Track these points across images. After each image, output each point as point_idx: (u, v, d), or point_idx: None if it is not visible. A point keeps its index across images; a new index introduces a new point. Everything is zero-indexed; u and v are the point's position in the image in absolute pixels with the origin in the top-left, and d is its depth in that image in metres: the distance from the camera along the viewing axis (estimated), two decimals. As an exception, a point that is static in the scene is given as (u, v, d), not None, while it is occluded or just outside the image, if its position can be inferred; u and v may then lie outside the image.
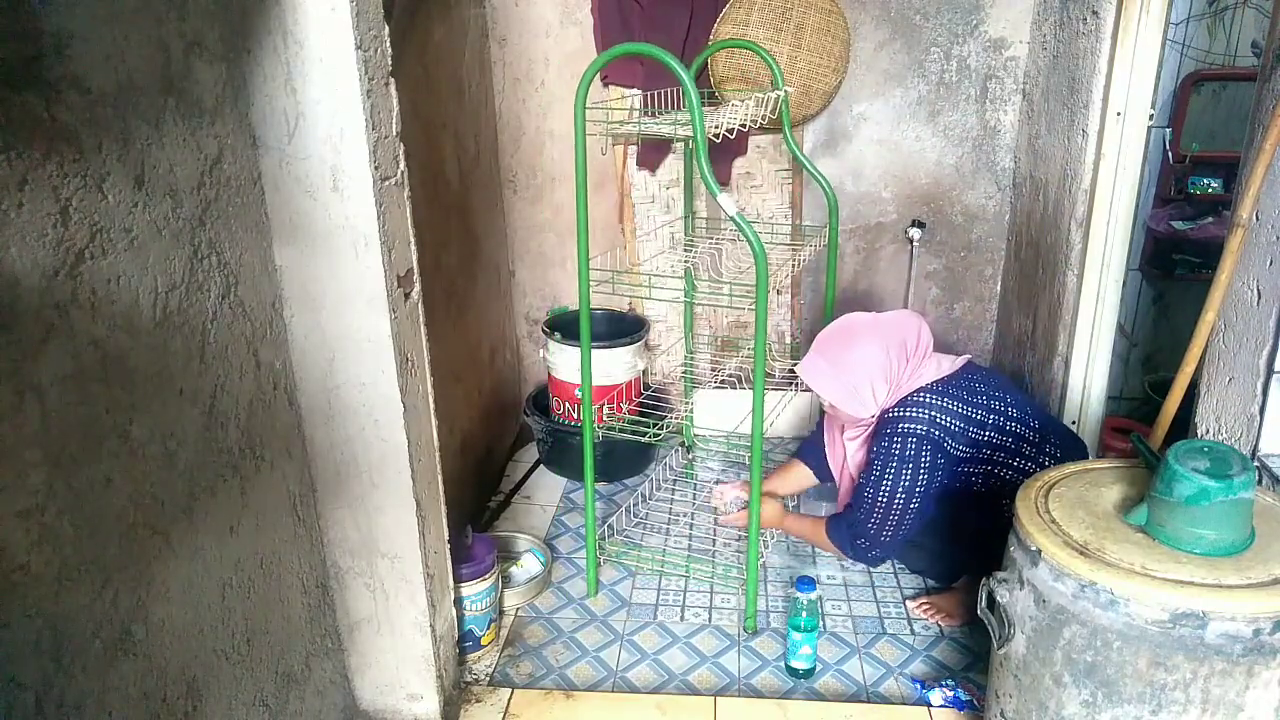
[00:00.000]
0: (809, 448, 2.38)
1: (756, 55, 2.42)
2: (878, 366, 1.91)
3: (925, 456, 1.88)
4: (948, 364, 2.00)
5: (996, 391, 1.98)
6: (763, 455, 1.95)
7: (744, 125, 2.07)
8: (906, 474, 1.88)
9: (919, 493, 1.90)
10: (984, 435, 1.91)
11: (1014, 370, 2.83)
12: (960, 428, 1.90)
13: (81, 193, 0.95)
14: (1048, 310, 2.54)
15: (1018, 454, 1.93)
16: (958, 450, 1.91)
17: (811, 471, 2.36)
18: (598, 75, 1.99)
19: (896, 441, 1.88)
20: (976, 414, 1.92)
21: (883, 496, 1.91)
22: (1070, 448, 2.01)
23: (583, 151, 1.87)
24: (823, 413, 2.24)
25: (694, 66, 2.36)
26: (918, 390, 1.92)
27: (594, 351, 2.22)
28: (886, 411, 1.94)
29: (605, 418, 2.66)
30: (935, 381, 1.94)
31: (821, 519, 2.12)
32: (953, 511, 1.98)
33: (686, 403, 2.81)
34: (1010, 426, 1.93)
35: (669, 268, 2.77)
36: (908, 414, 1.89)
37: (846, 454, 2.13)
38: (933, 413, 1.89)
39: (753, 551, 2.03)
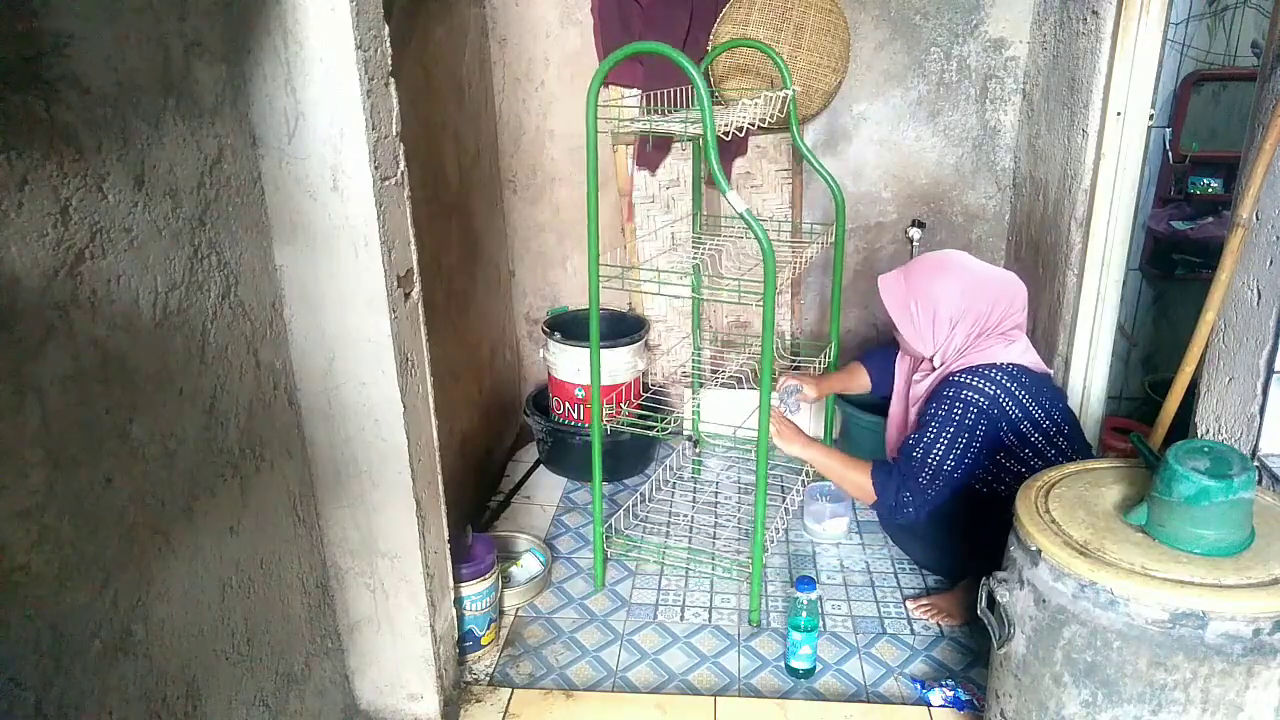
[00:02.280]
0: (874, 356, 2.37)
1: (755, 49, 2.42)
2: (946, 308, 1.88)
3: (981, 429, 1.85)
4: (1033, 360, 1.96)
5: (1059, 404, 1.96)
6: (768, 452, 1.95)
7: (754, 124, 2.08)
8: (961, 441, 1.86)
9: (966, 463, 1.88)
10: (1033, 436, 1.89)
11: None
12: (1017, 416, 1.87)
13: (81, 193, 0.95)
14: (1048, 310, 2.54)
15: (1047, 465, 1.92)
16: (1006, 437, 1.88)
17: (869, 378, 2.35)
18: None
19: (958, 407, 1.85)
20: (1036, 413, 1.89)
21: (933, 458, 1.88)
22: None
23: (594, 151, 1.88)
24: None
25: (703, 65, 2.36)
26: (995, 365, 1.88)
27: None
28: (954, 373, 1.90)
29: (607, 417, 2.66)
30: (1015, 365, 1.90)
31: (863, 461, 2.05)
32: (969, 508, 1.97)
33: (695, 397, 2.81)
34: (1058, 440, 1.92)
35: (670, 267, 2.77)
36: (975, 383, 1.86)
37: (910, 393, 2.10)
38: (999, 391, 1.85)
39: (758, 541, 2.03)
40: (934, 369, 2.00)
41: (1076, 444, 1.97)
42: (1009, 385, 1.86)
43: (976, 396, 1.84)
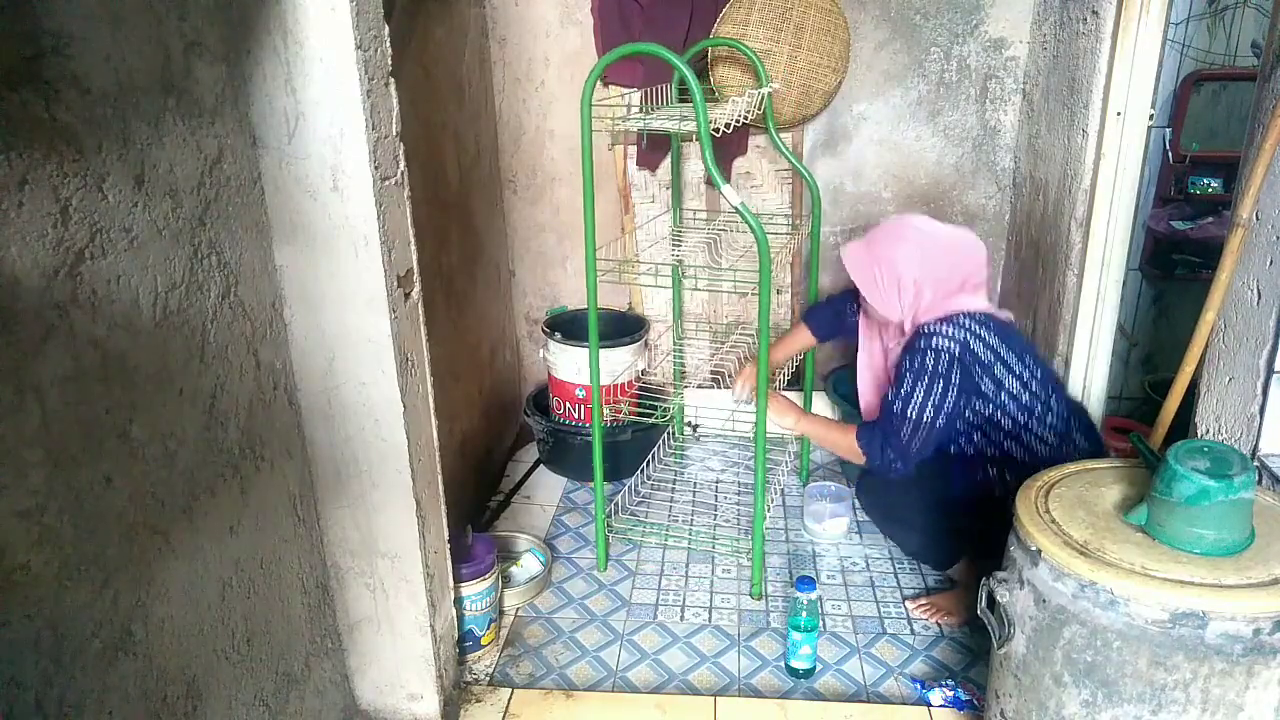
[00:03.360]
0: (818, 310, 2.39)
1: (733, 46, 2.47)
2: (908, 273, 1.90)
3: (956, 376, 1.86)
4: (997, 311, 1.99)
5: (1031, 352, 1.96)
6: (765, 441, 1.98)
7: (741, 119, 2.10)
8: (937, 389, 1.86)
9: (945, 412, 1.87)
10: (1008, 381, 1.89)
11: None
12: (989, 360, 1.88)
13: (81, 193, 0.95)
14: (1048, 310, 2.54)
15: (1027, 420, 1.92)
16: (981, 383, 1.88)
17: (811, 333, 2.39)
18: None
19: (929, 356, 1.86)
20: (1008, 356, 1.90)
21: (913, 410, 1.88)
22: (1082, 434, 1.99)
23: (588, 148, 1.91)
24: (856, 304, 2.23)
25: (686, 57, 2.39)
26: (962, 312, 1.90)
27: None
28: (923, 324, 1.92)
29: (607, 416, 2.66)
30: (983, 312, 1.92)
31: (847, 425, 2.09)
32: (951, 478, 1.97)
33: (680, 386, 2.84)
34: (1031, 385, 1.92)
35: (664, 260, 2.79)
36: (944, 330, 1.87)
37: (888, 362, 2.10)
38: (968, 335, 1.87)
39: (759, 512, 2.04)
40: (901, 335, 2.01)
41: (1054, 391, 1.96)
42: (977, 330, 1.88)
43: (947, 343, 1.86)
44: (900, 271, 1.91)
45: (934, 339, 1.87)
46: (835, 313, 2.33)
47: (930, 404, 1.87)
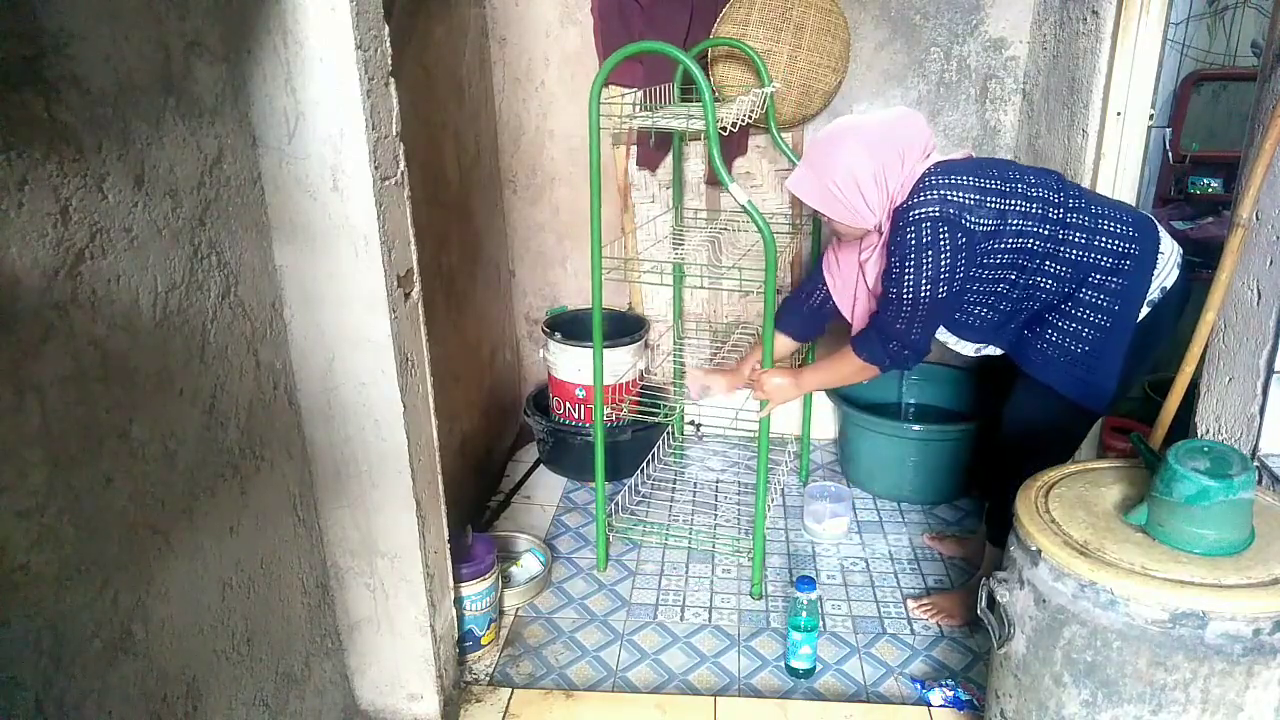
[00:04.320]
0: (786, 310, 2.21)
1: (735, 46, 2.47)
2: (864, 170, 1.77)
3: (945, 238, 1.71)
4: (953, 155, 1.87)
5: (1010, 169, 1.81)
6: (768, 440, 1.99)
7: (745, 118, 2.10)
8: (928, 261, 1.72)
9: (944, 279, 1.74)
10: (1008, 204, 1.74)
11: (1014, 370, 2.83)
12: (976, 199, 1.72)
13: (81, 193, 0.95)
14: (1048, 310, 2.54)
15: (1053, 229, 1.75)
16: (981, 224, 1.72)
17: (789, 337, 2.21)
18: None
19: (910, 231, 1.72)
20: (992, 184, 1.75)
21: (908, 291, 1.75)
22: (1127, 223, 1.79)
23: (596, 150, 1.93)
24: (815, 258, 2.08)
25: (690, 55, 2.39)
26: (922, 176, 1.77)
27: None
28: (898, 209, 1.79)
29: (608, 415, 2.67)
30: (938, 164, 1.79)
31: (841, 350, 1.96)
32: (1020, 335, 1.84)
33: (681, 386, 2.85)
34: (1035, 193, 1.76)
35: (665, 258, 2.79)
36: (915, 200, 1.74)
37: (865, 276, 1.96)
38: (941, 191, 1.72)
39: (759, 512, 2.05)
40: (878, 238, 1.88)
41: (1058, 184, 1.82)
42: (944, 179, 1.74)
43: (926, 210, 1.71)
44: (856, 173, 1.77)
45: (909, 213, 1.73)
46: (804, 307, 2.17)
47: (924, 279, 1.74)
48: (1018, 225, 1.74)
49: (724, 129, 2.00)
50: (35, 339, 0.89)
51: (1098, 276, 1.76)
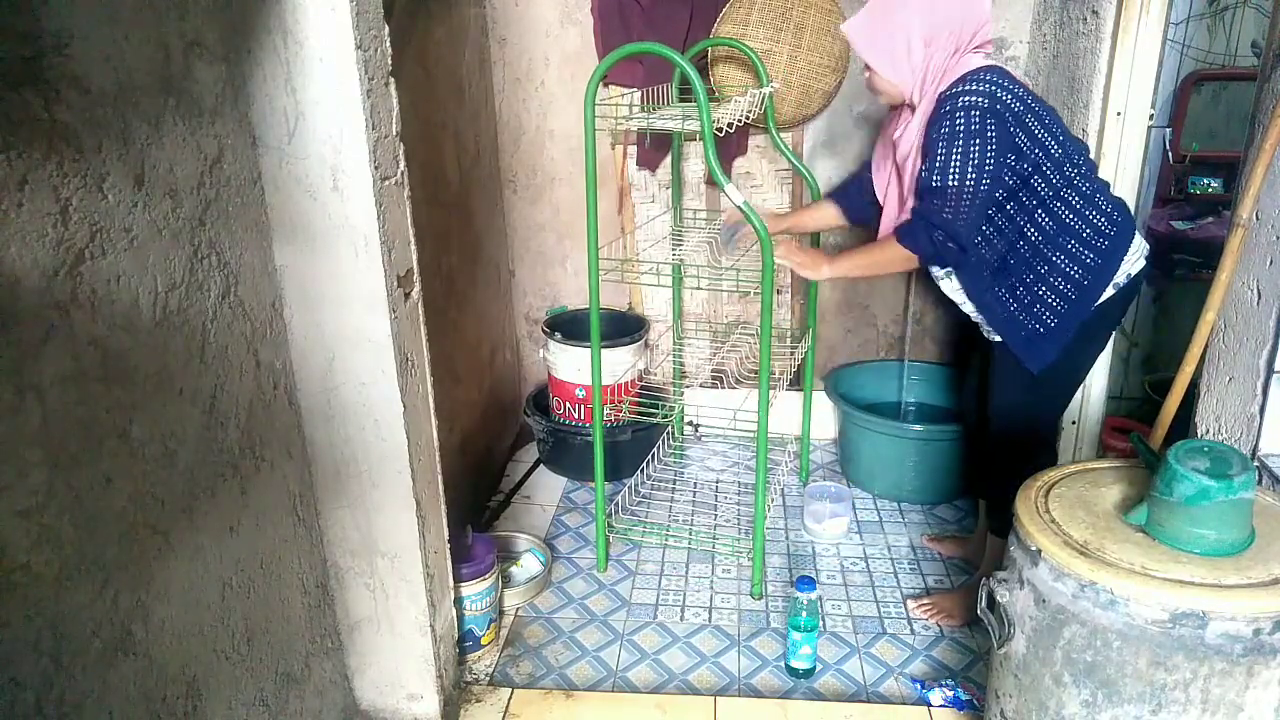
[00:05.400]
0: (843, 186, 2.25)
1: (734, 46, 2.48)
2: (919, 28, 1.78)
3: (993, 131, 1.72)
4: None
5: (1056, 114, 1.84)
6: (767, 441, 1.99)
7: (742, 119, 2.10)
8: (975, 149, 1.72)
9: (989, 170, 1.73)
10: (1042, 134, 1.77)
11: (1014, 370, 2.83)
12: (1019, 111, 1.75)
13: (81, 193, 0.95)
14: (1048, 310, 2.54)
15: (1060, 182, 1.79)
16: (1017, 137, 1.75)
17: (839, 210, 2.22)
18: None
19: (959, 117, 1.73)
20: (1038, 109, 1.78)
21: (953, 178, 1.74)
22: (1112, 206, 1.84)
23: (592, 149, 1.93)
24: (872, 147, 2.08)
25: (688, 56, 2.39)
26: (981, 68, 1.77)
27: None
28: (943, 93, 1.79)
29: (608, 415, 2.67)
30: (1000, 67, 1.79)
31: (882, 239, 1.94)
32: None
33: (681, 386, 2.84)
34: (1065, 143, 1.80)
35: (664, 259, 2.79)
36: (969, 88, 1.74)
37: (896, 155, 1.95)
38: (993, 88, 1.73)
39: (759, 512, 2.05)
40: (913, 116, 1.88)
41: (1084, 152, 1.85)
42: (1001, 81, 1.76)
43: (975, 99, 1.72)
44: (910, 29, 1.78)
45: (959, 99, 1.74)
46: (858, 187, 2.16)
47: (970, 167, 1.72)
48: (1038, 157, 1.76)
49: (720, 130, 2.00)
50: (35, 339, 0.89)
51: (1075, 245, 1.81)
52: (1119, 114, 2.18)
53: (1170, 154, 2.97)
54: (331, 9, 1.26)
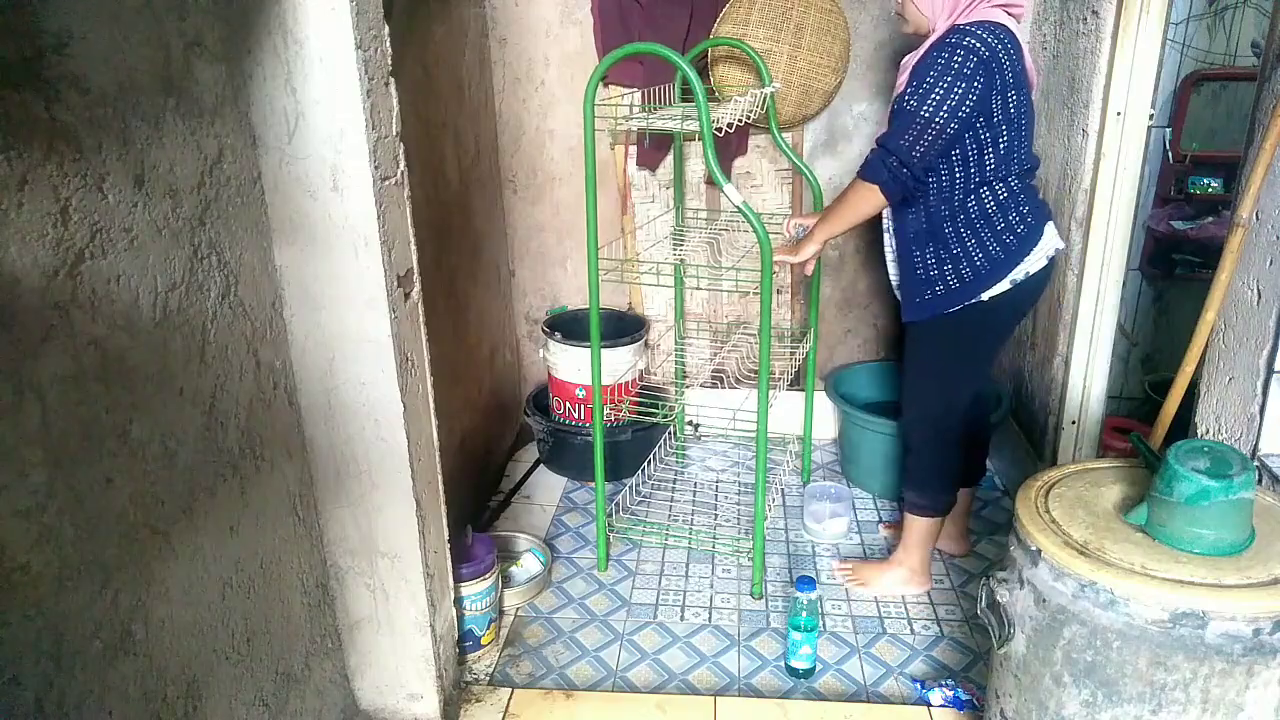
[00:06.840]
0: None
1: (736, 46, 2.48)
2: None
3: (980, 82, 1.73)
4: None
5: (1032, 116, 1.90)
6: (768, 441, 1.99)
7: (743, 119, 2.10)
8: (958, 89, 1.72)
9: (960, 116, 1.74)
10: (1014, 115, 1.80)
11: (1014, 369, 2.83)
12: (1010, 79, 1.76)
13: (81, 193, 0.95)
14: (1048, 310, 2.54)
15: (1000, 166, 1.84)
16: (994, 102, 1.77)
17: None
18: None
19: (958, 54, 1.72)
20: (1021, 95, 1.80)
21: (927, 108, 1.74)
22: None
23: (591, 149, 1.93)
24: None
25: (689, 57, 2.39)
26: (994, 22, 1.76)
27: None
28: (958, 25, 1.78)
29: (608, 415, 2.67)
30: (1011, 31, 1.79)
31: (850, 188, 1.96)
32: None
33: (681, 386, 2.85)
34: (1025, 141, 1.85)
35: (665, 259, 2.79)
36: (978, 32, 1.73)
37: (899, 81, 1.94)
38: (1000, 46, 1.73)
39: (759, 512, 2.05)
40: (927, 43, 1.86)
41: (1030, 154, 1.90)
42: (1009, 45, 1.76)
43: (979, 45, 1.72)
44: None
45: (967, 37, 1.73)
46: None
47: (947, 104, 1.73)
48: (994, 136, 1.81)
49: (719, 130, 2.00)
50: (35, 339, 0.89)
51: (989, 235, 1.89)
52: (1119, 114, 2.18)
53: (1170, 154, 2.97)
54: (331, 9, 1.26)
